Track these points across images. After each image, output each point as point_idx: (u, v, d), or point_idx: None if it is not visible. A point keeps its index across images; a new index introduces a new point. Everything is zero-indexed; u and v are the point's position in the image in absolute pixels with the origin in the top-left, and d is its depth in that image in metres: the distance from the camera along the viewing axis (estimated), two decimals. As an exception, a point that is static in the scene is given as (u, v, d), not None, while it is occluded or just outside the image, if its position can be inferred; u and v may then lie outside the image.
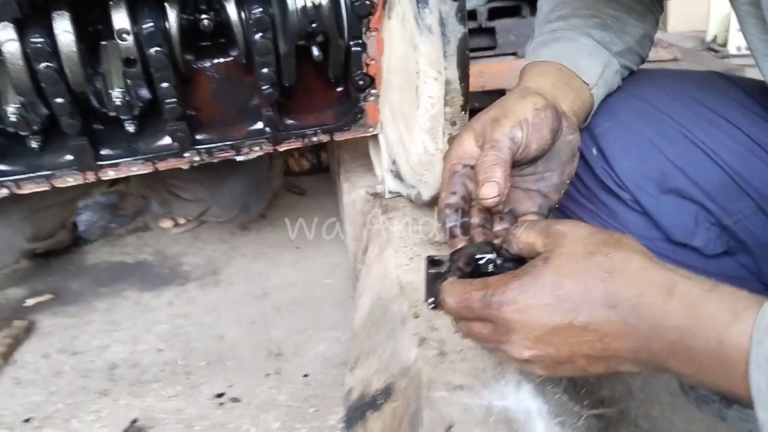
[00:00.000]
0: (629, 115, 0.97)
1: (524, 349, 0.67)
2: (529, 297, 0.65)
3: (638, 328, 0.62)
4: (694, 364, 0.60)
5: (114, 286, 1.91)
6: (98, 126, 1.32)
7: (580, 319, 0.63)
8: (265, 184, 1.98)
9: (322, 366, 1.50)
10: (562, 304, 0.64)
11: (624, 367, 0.66)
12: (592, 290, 0.63)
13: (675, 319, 0.60)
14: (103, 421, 1.38)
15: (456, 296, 0.71)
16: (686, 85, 1.01)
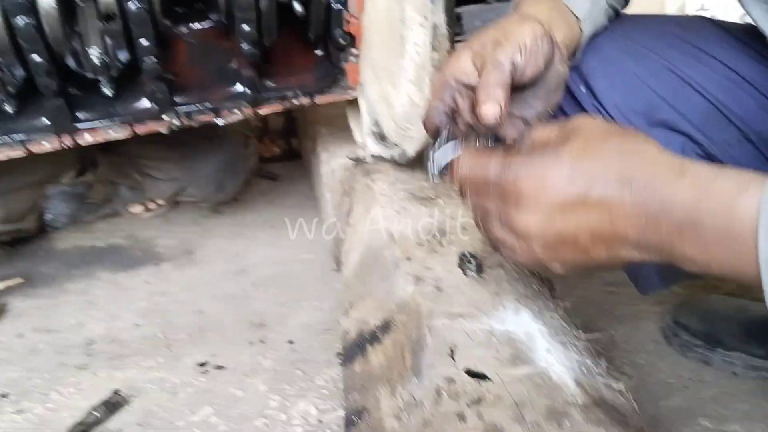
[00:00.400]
0: (616, 52, 1.00)
1: (532, 219, 0.68)
2: (547, 168, 0.66)
3: (648, 206, 0.63)
4: (701, 243, 0.60)
5: (86, 269, 1.86)
6: (75, 91, 1.30)
7: (593, 194, 0.64)
8: (240, 162, 1.96)
9: (307, 333, 1.49)
10: (578, 177, 0.65)
11: (626, 252, 0.66)
12: (608, 168, 0.64)
13: (685, 196, 0.61)
14: (83, 393, 1.34)
15: (473, 162, 0.72)
16: (670, 25, 1.04)
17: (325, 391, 1.29)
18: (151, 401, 1.31)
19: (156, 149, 1.90)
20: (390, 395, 0.83)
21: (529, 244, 0.70)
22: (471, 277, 0.98)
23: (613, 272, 1.64)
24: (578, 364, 0.81)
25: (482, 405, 0.73)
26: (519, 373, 0.77)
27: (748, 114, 0.95)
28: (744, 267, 0.59)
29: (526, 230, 0.69)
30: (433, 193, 1.28)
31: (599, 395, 0.75)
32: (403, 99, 1.17)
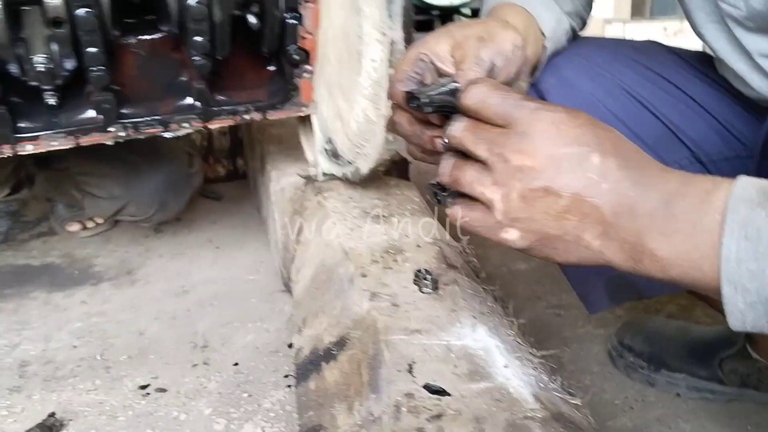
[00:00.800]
0: (572, 71, 1.02)
1: (530, 156, 0.64)
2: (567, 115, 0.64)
3: (636, 185, 0.62)
4: (667, 232, 0.60)
5: (20, 288, 1.78)
6: (17, 98, 1.25)
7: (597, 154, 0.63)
8: (184, 181, 1.92)
9: (253, 354, 1.45)
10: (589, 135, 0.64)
11: (589, 233, 0.64)
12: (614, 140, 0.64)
13: (669, 184, 0.61)
14: (16, 416, 1.27)
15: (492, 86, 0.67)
16: (624, 48, 1.07)
17: (272, 414, 1.26)
18: (89, 425, 1.25)
19: (96, 165, 1.84)
20: (347, 412, 0.81)
21: (510, 187, 0.65)
22: (427, 293, 0.98)
23: (559, 295, 1.67)
24: (535, 380, 0.81)
25: (443, 420, 0.72)
26: (478, 388, 0.77)
27: (700, 136, 0.98)
28: (705, 265, 0.58)
29: (520, 166, 0.64)
30: (387, 212, 1.27)
31: (557, 410, 0.75)
32: (358, 115, 1.17)
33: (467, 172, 0.69)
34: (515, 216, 0.66)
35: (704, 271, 0.59)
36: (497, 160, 0.65)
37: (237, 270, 1.85)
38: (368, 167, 1.24)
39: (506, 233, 0.68)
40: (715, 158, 0.99)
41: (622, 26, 7.19)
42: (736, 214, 0.56)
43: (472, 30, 0.84)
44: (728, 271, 0.56)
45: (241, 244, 2.01)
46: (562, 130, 0.64)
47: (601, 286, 1.10)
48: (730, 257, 0.56)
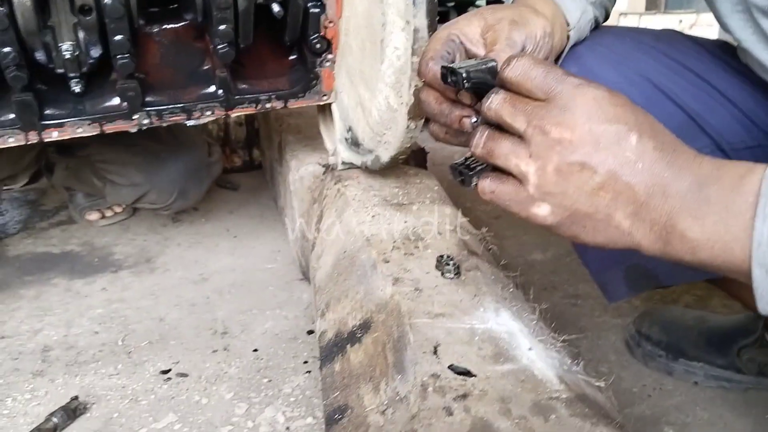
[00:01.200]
0: (594, 60, 1.03)
1: (570, 129, 0.64)
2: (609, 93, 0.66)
3: (671, 166, 0.63)
4: (698, 214, 0.60)
5: (41, 275, 1.81)
6: (43, 86, 1.27)
7: (635, 133, 0.64)
8: (204, 169, 1.93)
9: (272, 341, 1.47)
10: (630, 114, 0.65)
11: (621, 213, 0.65)
12: (651, 123, 0.66)
13: (702, 167, 0.62)
14: (39, 400, 1.30)
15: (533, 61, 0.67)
16: (646, 37, 1.07)
17: (293, 399, 1.27)
18: (112, 408, 1.27)
19: (118, 153, 1.86)
20: (373, 392, 0.82)
21: (546, 160, 0.65)
22: (449, 278, 0.99)
23: (576, 285, 1.67)
24: (559, 362, 0.82)
25: (469, 400, 0.73)
26: (503, 370, 0.78)
27: (722, 125, 0.98)
28: (736, 247, 0.59)
29: (559, 138, 0.64)
30: (407, 200, 1.29)
31: (581, 391, 0.76)
32: (380, 103, 1.18)
33: (503, 143, 0.68)
34: (549, 190, 0.66)
35: (735, 254, 0.59)
36: (536, 133, 0.65)
37: (254, 259, 1.87)
38: (389, 155, 1.25)
39: (537, 208, 0.68)
40: (737, 147, 1.00)
41: (638, 19, 7.17)
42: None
43: (504, 13, 0.85)
44: (759, 254, 0.57)
45: (258, 233, 2.02)
46: (603, 106, 0.64)
47: (620, 275, 1.11)
48: (762, 241, 0.57)
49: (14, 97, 1.20)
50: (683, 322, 1.35)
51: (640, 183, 0.63)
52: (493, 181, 0.70)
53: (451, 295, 0.94)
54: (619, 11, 7.20)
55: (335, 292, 1.07)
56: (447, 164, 1.84)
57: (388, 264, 1.03)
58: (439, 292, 0.95)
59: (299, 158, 1.62)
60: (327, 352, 0.96)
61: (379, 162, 1.30)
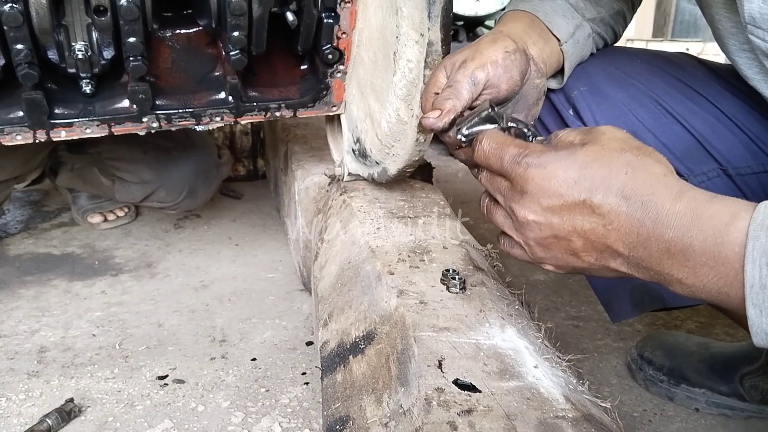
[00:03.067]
0: (603, 80, 1.03)
1: (531, 212, 0.70)
2: (558, 167, 0.68)
3: (642, 222, 0.65)
4: (688, 264, 0.63)
5: (40, 276, 1.80)
6: (53, 85, 1.26)
7: (594, 200, 0.67)
8: (213, 170, 1.93)
9: (270, 351, 1.46)
10: (583, 181, 0.67)
11: (614, 263, 0.69)
12: (614, 178, 0.66)
13: (678, 219, 0.63)
14: (34, 401, 1.28)
15: (494, 143, 0.74)
16: (657, 59, 1.08)
17: (290, 410, 1.26)
18: (107, 412, 1.26)
19: (129, 151, 1.86)
20: (376, 404, 0.81)
21: (526, 236, 0.73)
22: (454, 293, 0.98)
23: (578, 307, 1.67)
24: (565, 381, 0.81)
25: (473, 415, 0.72)
26: (508, 386, 0.77)
27: (729, 150, 0.98)
28: (729, 290, 0.61)
29: (525, 221, 0.71)
30: (412, 213, 1.28)
31: (587, 411, 0.75)
32: (390, 115, 1.18)
33: (496, 215, 0.78)
34: (540, 257, 0.74)
35: (731, 297, 0.61)
36: (510, 213, 0.73)
37: (256, 267, 1.86)
38: (397, 168, 1.25)
39: (543, 266, 0.76)
40: (742, 172, 1.00)
41: (644, 45, 7.20)
42: (757, 241, 0.58)
43: (458, 56, 0.93)
44: (753, 295, 0.59)
45: (260, 242, 2.02)
46: (553, 185, 0.68)
47: (625, 294, 1.11)
48: (754, 283, 0.58)
49: (24, 94, 1.20)
50: (686, 347, 1.34)
51: (616, 242, 0.67)
52: (507, 245, 0.79)
53: (456, 309, 0.93)
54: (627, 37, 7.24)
55: (339, 302, 1.07)
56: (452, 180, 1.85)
57: (393, 276, 1.02)
58: (445, 306, 0.94)
59: (305, 168, 1.62)
60: (329, 362, 0.95)
61: (386, 174, 1.29)
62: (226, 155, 2.00)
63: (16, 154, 1.79)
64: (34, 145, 1.29)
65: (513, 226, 0.74)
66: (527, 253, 0.75)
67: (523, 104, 0.95)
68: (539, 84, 0.95)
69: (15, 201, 2.29)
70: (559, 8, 1.02)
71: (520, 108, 0.95)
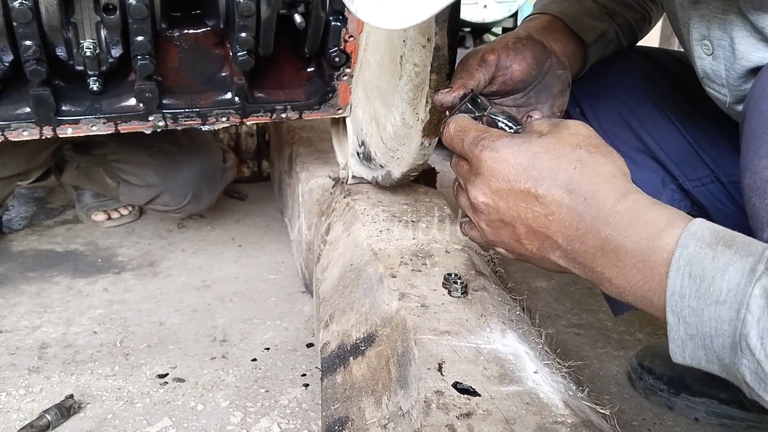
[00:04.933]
0: (608, 79, 1.04)
1: (482, 194, 0.73)
2: (509, 153, 0.70)
3: (582, 218, 0.66)
4: (619, 264, 0.64)
5: (43, 272, 1.80)
6: (61, 82, 1.27)
7: (539, 190, 0.68)
8: (218, 174, 1.94)
9: (271, 352, 1.46)
10: (531, 170, 0.69)
11: (554, 255, 0.70)
12: (561, 171, 0.68)
13: (617, 218, 0.64)
14: (34, 396, 1.29)
15: (458, 127, 0.77)
16: (665, 59, 1.09)
17: (289, 411, 1.26)
18: (106, 409, 1.26)
19: (134, 153, 1.86)
20: (375, 405, 0.81)
21: (479, 218, 0.75)
22: (456, 297, 0.98)
23: (579, 315, 1.67)
24: (564, 387, 0.81)
25: (472, 419, 0.72)
26: (508, 391, 0.77)
27: (723, 158, 0.99)
28: (652, 296, 0.62)
29: (476, 202, 0.74)
30: (415, 217, 1.28)
31: (587, 417, 0.75)
32: (395, 119, 1.18)
33: (460, 198, 0.81)
34: (491, 239, 0.77)
35: (654, 302, 0.62)
36: (468, 195, 0.76)
37: (258, 269, 1.86)
38: (401, 172, 1.25)
39: (497, 249, 0.79)
40: (735, 180, 1.00)
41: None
42: (685, 249, 0.58)
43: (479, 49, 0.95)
44: (672, 303, 0.59)
45: (263, 244, 2.02)
46: (503, 169, 0.70)
47: None
48: (674, 291, 0.59)
49: (32, 91, 1.21)
50: (687, 356, 1.34)
51: (556, 233, 0.68)
52: (467, 226, 0.83)
53: (457, 313, 0.93)
54: (633, 47, 7.24)
55: (340, 304, 1.07)
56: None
57: (395, 279, 1.03)
58: (446, 309, 0.94)
59: (309, 171, 1.62)
60: (329, 363, 0.95)
61: (390, 178, 1.30)
62: (231, 159, 2.01)
63: (20, 151, 1.80)
64: (39, 143, 1.29)
65: (470, 208, 0.77)
66: (481, 236, 0.78)
67: (547, 94, 0.95)
68: (562, 75, 0.96)
69: (19, 197, 2.30)
70: (587, 11, 1.03)
71: (544, 98, 0.96)
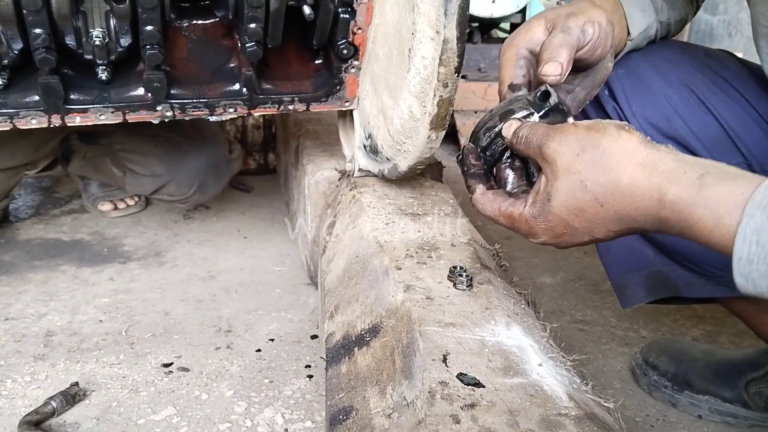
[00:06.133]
0: (641, 64, 1.05)
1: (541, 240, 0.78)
2: (548, 233, 0.76)
3: (644, 227, 0.70)
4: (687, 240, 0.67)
5: (49, 261, 1.81)
6: (69, 71, 1.27)
7: (597, 236, 0.73)
8: (224, 165, 1.94)
9: (276, 343, 1.47)
10: (577, 232, 0.73)
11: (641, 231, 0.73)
12: (597, 217, 0.71)
13: (669, 224, 0.66)
14: (39, 383, 1.30)
15: (489, 213, 0.82)
16: (695, 50, 1.09)
17: (293, 401, 1.27)
18: (111, 397, 1.27)
19: (141, 143, 1.87)
20: (380, 395, 0.81)
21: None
22: (461, 290, 0.98)
23: (584, 311, 1.67)
24: (568, 380, 0.81)
25: (476, 409, 0.72)
26: (512, 383, 0.77)
27: (756, 145, 0.99)
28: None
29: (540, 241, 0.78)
30: (421, 210, 1.29)
31: (590, 410, 0.76)
32: (403, 112, 1.18)
33: None
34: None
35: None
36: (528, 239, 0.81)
37: (263, 260, 1.87)
38: (407, 165, 1.26)
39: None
40: (767, 168, 1.00)
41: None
42: (752, 219, 0.59)
43: (562, 10, 0.90)
44: (740, 267, 0.61)
45: (268, 235, 2.02)
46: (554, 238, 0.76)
47: (640, 279, 1.12)
48: (741, 257, 0.60)
49: (41, 79, 1.21)
50: (691, 353, 1.34)
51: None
52: None
53: (462, 306, 0.93)
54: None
55: (345, 295, 1.07)
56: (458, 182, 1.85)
57: (400, 271, 1.03)
58: (451, 302, 0.94)
59: (316, 163, 1.62)
60: (334, 353, 0.95)
61: (396, 171, 1.30)
62: (237, 150, 2.01)
63: (27, 141, 1.80)
64: (46, 132, 1.30)
65: None
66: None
67: (590, 81, 0.95)
68: (609, 68, 0.96)
69: (26, 187, 2.31)
70: (639, 3, 1.02)
71: (586, 84, 0.95)
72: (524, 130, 0.78)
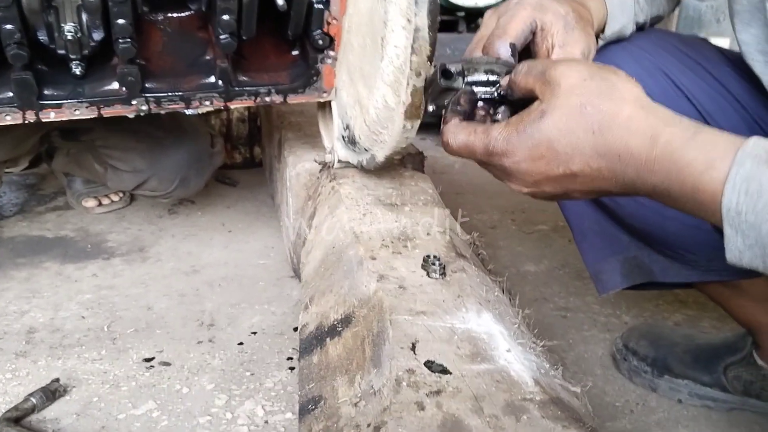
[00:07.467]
0: (617, 52, 1.04)
1: (523, 187, 0.73)
2: (527, 152, 0.70)
3: (625, 173, 0.67)
4: (671, 200, 0.66)
5: (33, 258, 1.81)
6: (43, 66, 1.27)
7: (573, 168, 0.69)
8: (206, 159, 1.93)
9: (258, 336, 1.47)
10: (557, 157, 0.69)
11: (611, 193, 0.72)
12: (584, 144, 0.68)
13: (657, 165, 0.65)
14: (20, 380, 1.29)
15: (459, 141, 0.75)
16: (671, 37, 1.10)
17: (273, 393, 1.27)
18: (92, 392, 1.27)
19: (122, 139, 1.86)
20: (348, 384, 0.81)
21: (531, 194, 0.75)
22: (434, 278, 0.98)
23: (567, 298, 1.67)
24: (536, 365, 0.81)
25: (442, 396, 0.73)
26: (479, 369, 0.77)
27: (733, 129, 0.99)
28: (710, 218, 0.64)
29: (522, 191, 0.75)
30: (400, 201, 1.28)
31: (556, 395, 0.76)
32: (377, 102, 1.18)
33: None
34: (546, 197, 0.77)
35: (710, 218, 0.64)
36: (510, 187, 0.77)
37: (247, 254, 1.87)
38: (384, 155, 1.25)
39: None
40: None
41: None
42: (742, 167, 0.59)
43: None
44: (729, 218, 0.61)
45: (253, 229, 2.02)
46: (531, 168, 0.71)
47: (616, 265, 1.13)
48: (730, 207, 0.60)
49: (14, 75, 1.20)
50: (671, 338, 1.35)
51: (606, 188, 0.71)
52: None
53: (434, 294, 0.94)
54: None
55: (321, 286, 1.07)
56: (448, 172, 1.82)
57: (374, 261, 1.03)
58: (423, 290, 0.94)
59: (297, 155, 1.62)
60: (306, 344, 0.95)
61: (374, 161, 1.30)
62: (220, 144, 2.01)
63: (6, 138, 1.80)
64: (24, 129, 1.29)
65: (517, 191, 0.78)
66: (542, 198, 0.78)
67: None
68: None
69: (11, 184, 2.30)
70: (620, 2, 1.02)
71: None
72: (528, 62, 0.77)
